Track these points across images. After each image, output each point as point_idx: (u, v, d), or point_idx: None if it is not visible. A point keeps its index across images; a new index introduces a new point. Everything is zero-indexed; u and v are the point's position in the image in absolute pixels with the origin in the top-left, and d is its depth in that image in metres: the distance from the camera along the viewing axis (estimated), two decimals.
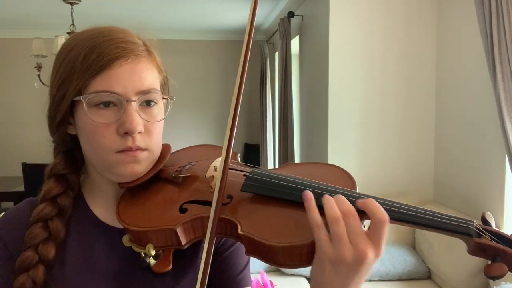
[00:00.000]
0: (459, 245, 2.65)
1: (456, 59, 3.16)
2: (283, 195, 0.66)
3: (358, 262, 0.57)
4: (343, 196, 0.60)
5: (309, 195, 0.60)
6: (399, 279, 2.95)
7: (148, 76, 0.73)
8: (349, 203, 0.59)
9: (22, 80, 5.93)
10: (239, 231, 0.63)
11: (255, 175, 0.69)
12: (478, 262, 2.51)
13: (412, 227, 0.63)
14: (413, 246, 3.20)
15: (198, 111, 6.75)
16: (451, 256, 2.70)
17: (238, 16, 5.53)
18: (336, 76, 3.39)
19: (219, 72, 6.76)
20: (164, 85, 0.80)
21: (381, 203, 0.60)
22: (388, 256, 2.97)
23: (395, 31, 3.37)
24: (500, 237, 0.59)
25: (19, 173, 4.57)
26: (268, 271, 3.09)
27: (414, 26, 3.38)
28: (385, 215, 0.58)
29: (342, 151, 3.44)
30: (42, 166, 0.83)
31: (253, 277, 1.46)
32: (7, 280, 0.73)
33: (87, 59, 0.70)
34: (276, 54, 5.51)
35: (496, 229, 0.61)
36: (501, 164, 2.62)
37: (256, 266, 3.02)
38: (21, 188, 4.58)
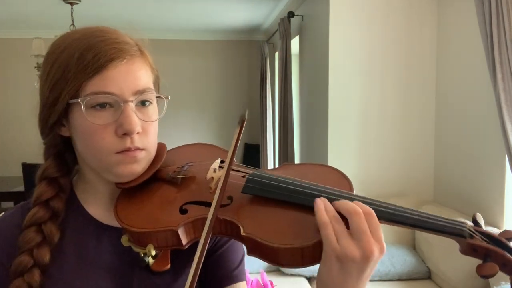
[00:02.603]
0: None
1: (456, 59, 3.16)
2: (283, 197, 0.66)
3: (365, 259, 0.59)
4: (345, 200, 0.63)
5: (319, 201, 0.63)
6: (399, 279, 2.95)
7: (142, 75, 0.74)
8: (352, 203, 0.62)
9: (22, 80, 5.93)
10: (242, 233, 0.64)
11: (255, 177, 0.70)
12: (478, 262, 2.51)
13: (408, 229, 0.64)
14: (413, 246, 3.20)
15: (199, 111, 6.75)
16: (451, 256, 2.70)
17: (238, 16, 5.53)
18: (336, 76, 3.39)
19: (220, 72, 6.76)
20: (156, 84, 0.80)
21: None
22: (388, 256, 2.97)
23: (395, 31, 3.37)
24: (490, 238, 0.62)
25: (19, 173, 4.56)
26: (268, 271, 3.09)
27: (414, 26, 3.37)
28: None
29: (342, 151, 3.44)
30: None
31: (253, 277, 1.46)
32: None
33: (82, 60, 0.70)
34: (276, 54, 5.51)
35: (487, 230, 0.64)
36: (501, 164, 2.62)
37: (256, 266, 3.01)
38: (21, 188, 4.58)
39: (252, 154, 6.44)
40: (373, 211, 0.61)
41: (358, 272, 0.60)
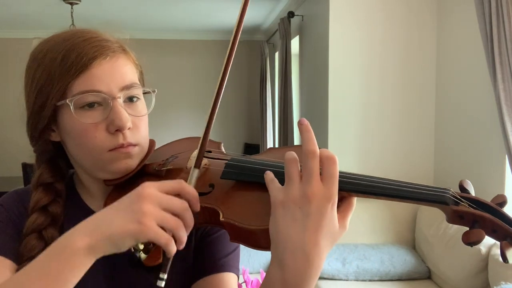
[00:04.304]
0: (459, 245, 2.65)
1: (456, 59, 3.16)
2: (260, 179, 0.66)
3: (305, 200, 0.56)
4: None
5: (268, 171, 0.63)
6: (399, 279, 2.94)
7: (127, 71, 0.74)
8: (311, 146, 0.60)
9: (22, 80, 5.92)
10: (221, 218, 0.64)
11: (234, 162, 0.70)
12: (478, 262, 2.51)
13: (385, 200, 0.61)
14: (413, 246, 3.20)
15: (198, 111, 6.74)
16: (451, 256, 2.70)
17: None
18: (336, 76, 3.39)
19: (219, 72, 6.75)
20: (141, 80, 0.81)
21: (345, 177, 0.61)
22: (388, 256, 2.97)
23: (395, 31, 3.37)
24: (478, 203, 0.59)
25: (19, 173, 4.57)
26: None
27: (414, 25, 3.38)
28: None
29: (342, 151, 3.44)
30: None
31: (253, 277, 1.46)
32: (11, 244, 0.74)
33: (65, 61, 0.70)
34: (276, 54, 5.51)
35: (473, 195, 0.60)
36: (501, 163, 2.62)
37: (256, 266, 3.02)
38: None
39: (252, 154, 6.45)
40: (335, 158, 0.58)
41: (302, 215, 0.57)
